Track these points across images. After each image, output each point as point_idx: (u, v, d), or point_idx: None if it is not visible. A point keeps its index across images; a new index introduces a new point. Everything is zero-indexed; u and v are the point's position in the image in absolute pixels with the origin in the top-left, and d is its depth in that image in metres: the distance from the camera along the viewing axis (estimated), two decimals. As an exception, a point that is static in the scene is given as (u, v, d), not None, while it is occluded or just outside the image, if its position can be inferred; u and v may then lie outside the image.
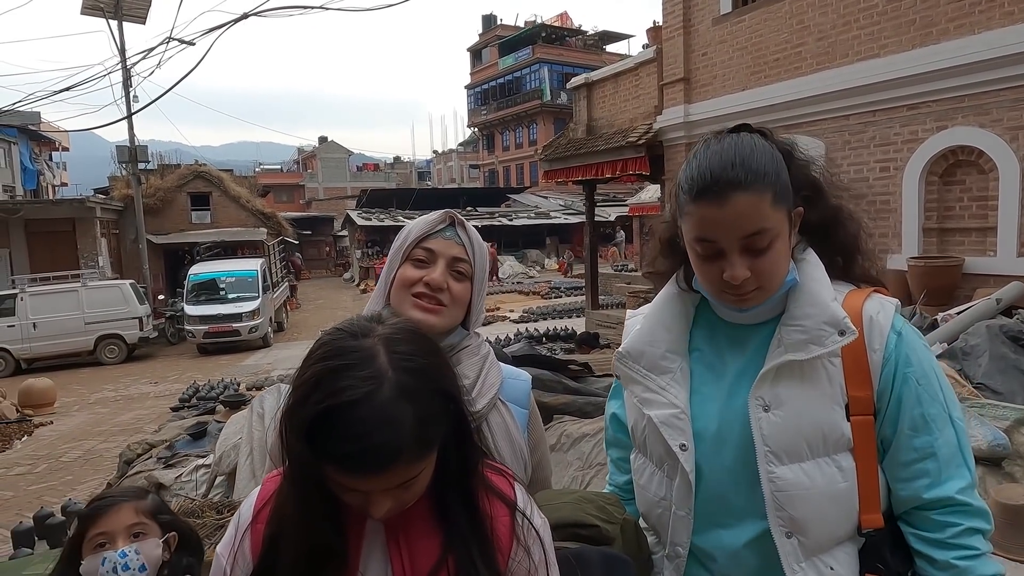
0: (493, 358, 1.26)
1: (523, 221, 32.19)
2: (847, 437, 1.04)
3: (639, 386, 1.18)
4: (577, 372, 4.33)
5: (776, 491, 1.04)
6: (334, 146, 60.14)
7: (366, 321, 0.84)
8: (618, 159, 9.91)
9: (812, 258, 1.10)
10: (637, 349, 1.20)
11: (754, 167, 1.00)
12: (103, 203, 19.72)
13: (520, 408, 1.28)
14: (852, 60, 6.91)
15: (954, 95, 6.06)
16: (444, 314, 1.17)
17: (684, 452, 1.10)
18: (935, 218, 6.37)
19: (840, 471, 1.03)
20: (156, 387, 12.26)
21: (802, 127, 7.53)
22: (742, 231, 1.00)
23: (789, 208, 1.04)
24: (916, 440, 1.03)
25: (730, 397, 1.10)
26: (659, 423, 1.13)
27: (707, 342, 1.18)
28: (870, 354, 1.04)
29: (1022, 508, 2.03)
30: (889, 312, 1.07)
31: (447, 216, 1.23)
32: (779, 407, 1.04)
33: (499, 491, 0.91)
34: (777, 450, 1.04)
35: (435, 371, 0.81)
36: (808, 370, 1.04)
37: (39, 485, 6.48)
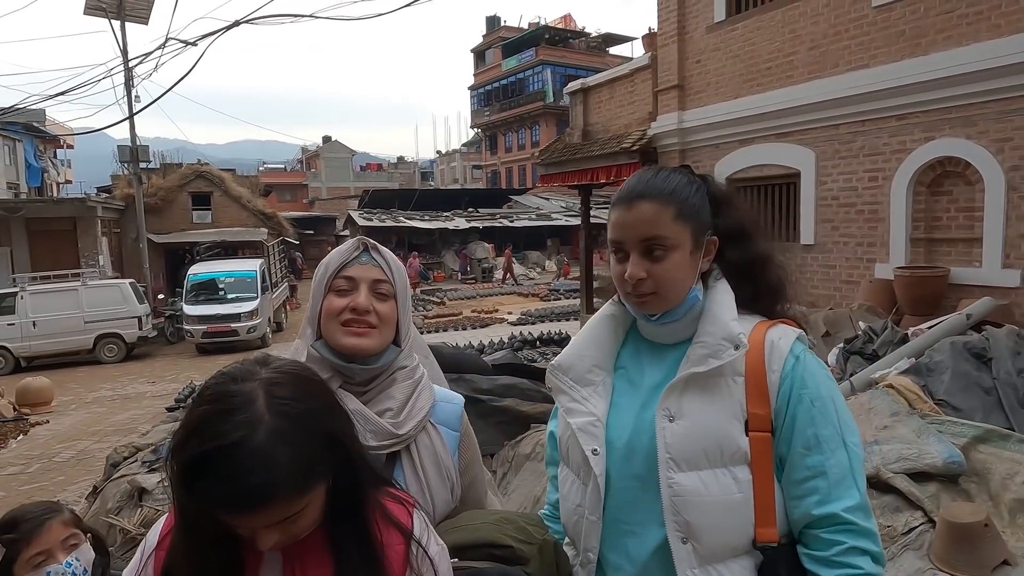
0: (426, 382, 1.32)
1: (524, 223, 32.24)
2: (744, 451, 1.11)
3: (565, 396, 1.28)
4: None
5: (674, 496, 1.12)
6: (338, 146, 60.32)
7: (251, 365, 0.88)
8: (612, 164, 9.95)
9: (722, 286, 1.22)
10: (567, 362, 1.31)
11: (660, 185, 1.19)
12: (104, 202, 19.85)
13: (451, 431, 1.33)
14: (843, 70, 6.94)
15: (942, 106, 6.09)
16: (375, 335, 1.22)
17: (595, 457, 1.20)
18: (923, 228, 6.39)
19: (736, 482, 1.11)
20: (153, 387, 12.34)
21: (793, 135, 7.56)
22: (641, 234, 1.16)
23: (696, 230, 1.18)
24: (808, 459, 1.10)
25: (643, 409, 1.20)
26: (576, 430, 1.23)
27: (631, 359, 1.29)
28: (768, 374, 1.12)
29: (969, 526, 2.07)
30: (790, 338, 1.16)
31: (360, 243, 1.28)
32: (682, 418, 1.14)
33: (396, 520, 0.96)
34: (677, 458, 1.12)
35: (316, 414, 0.85)
36: (712, 385, 1.14)
37: (30, 486, 6.54)
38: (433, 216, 31.95)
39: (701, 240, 1.20)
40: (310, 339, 1.27)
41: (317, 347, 1.24)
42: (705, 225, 1.20)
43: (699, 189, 1.22)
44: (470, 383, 3.85)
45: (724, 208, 1.24)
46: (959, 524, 2.09)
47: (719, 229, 1.23)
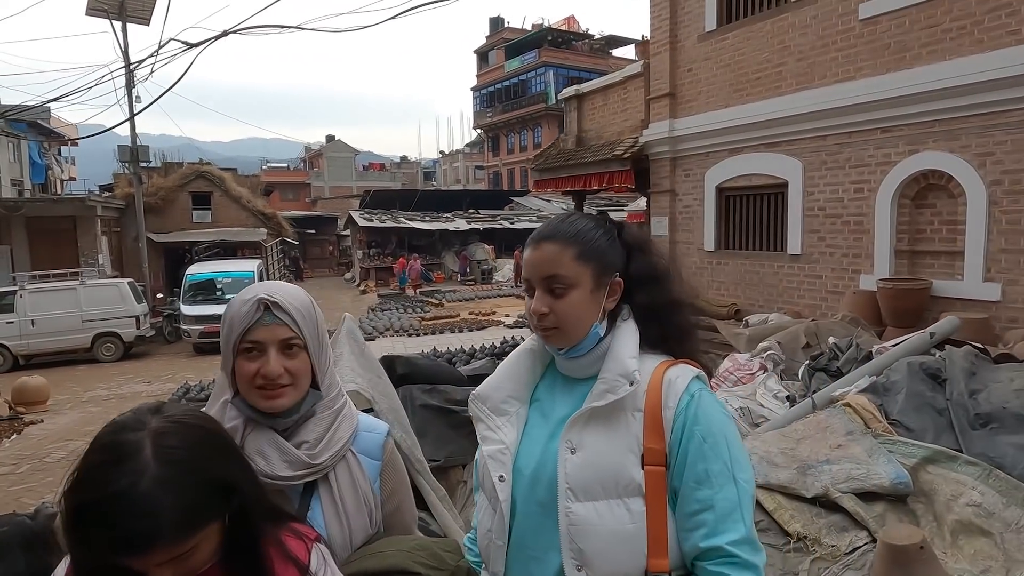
0: (348, 411, 1.37)
1: (524, 224, 32.23)
2: (638, 483, 1.17)
3: (483, 424, 1.35)
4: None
5: (570, 524, 1.18)
6: (341, 145, 60.41)
7: (142, 414, 0.93)
8: (605, 171, 10.00)
9: (628, 326, 1.30)
10: (485, 392, 1.38)
11: (565, 229, 1.28)
12: (104, 201, 19.95)
13: (372, 460, 1.38)
14: (830, 81, 6.98)
15: (925, 120, 6.12)
16: (289, 394, 1.25)
17: (502, 483, 1.27)
18: (906, 240, 6.43)
19: (629, 513, 1.16)
20: (149, 386, 12.42)
21: (781, 146, 7.60)
22: (544, 272, 1.25)
23: (598, 271, 1.26)
24: (698, 492, 1.15)
25: (550, 440, 1.27)
26: (487, 457, 1.30)
27: (546, 393, 1.36)
28: (664, 411, 1.19)
29: (904, 548, 2.12)
30: (687, 377, 1.22)
31: (260, 304, 1.24)
32: (582, 449, 1.20)
33: (292, 555, 1.02)
34: (576, 488, 1.18)
35: (203, 461, 0.90)
36: (612, 420, 1.21)
37: (19, 486, 6.62)
38: (434, 217, 32.00)
39: (604, 280, 1.27)
40: (227, 392, 1.30)
41: (237, 404, 1.27)
42: (610, 267, 1.28)
43: (607, 234, 1.30)
44: (443, 394, 3.89)
45: (636, 254, 1.32)
46: (895, 546, 2.14)
47: (629, 273, 1.30)
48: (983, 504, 2.36)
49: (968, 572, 2.21)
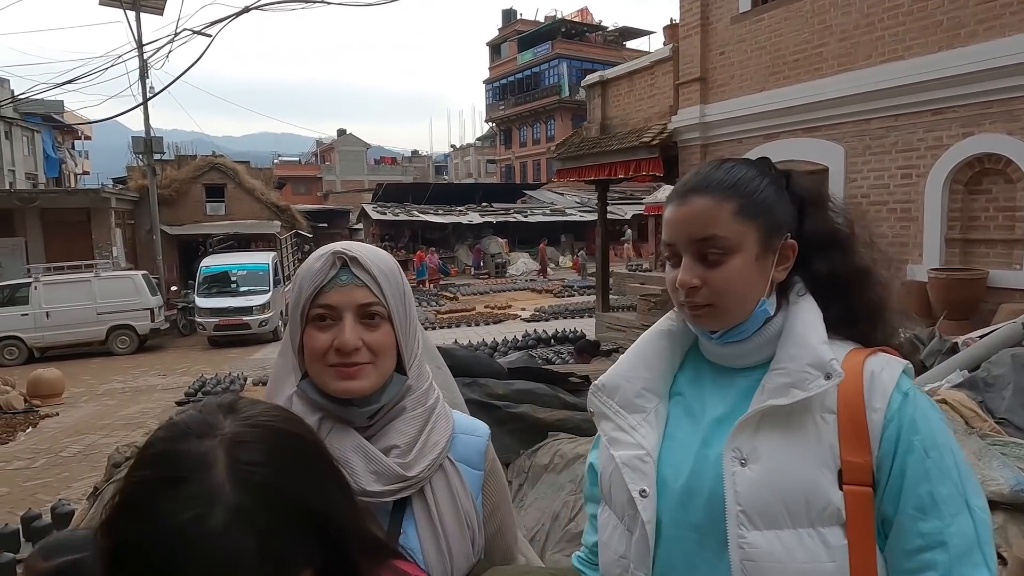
0: (442, 410, 1.09)
1: (538, 218, 32.02)
2: (837, 508, 0.89)
3: (610, 423, 1.07)
4: (576, 386, 4.17)
5: (745, 559, 0.90)
6: (352, 139, 60.30)
7: (212, 413, 0.66)
8: (631, 159, 9.70)
9: (807, 303, 1.00)
10: (613, 383, 1.10)
11: (720, 177, 1.00)
12: (118, 193, 19.85)
13: (473, 469, 1.11)
14: (875, 62, 6.65)
15: (981, 100, 5.80)
16: (369, 373, 0.99)
17: (644, 499, 0.99)
18: (959, 228, 6.11)
19: (826, 548, 0.88)
20: (164, 379, 12.26)
21: (821, 130, 7.28)
22: (694, 233, 0.98)
23: (765, 230, 0.98)
24: (923, 524, 0.87)
25: (705, 446, 0.99)
26: (621, 464, 1.02)
27: (690, 385, 1.07)
28: (869, 413, 0.90)
29: (1046, 568, 1.84)
30: (894, 370, 0.94)
31: (335, 258, 1.02)
32: (757, 461, 0.93)
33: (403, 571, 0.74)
34: (751, 511, 0.91)
35: (296, 485, 0.63)
36: (794, 423, 0.93)
37: (35, 482, 6.44)
38: (447, 210, 31.79)
39: (774, 243, 0.99)
40: (293, 374, 1.05)
41: (304, 388, 1.02)
42: (779, 226, 0.99)
43: (775, 184, 1.02)
44: (484, 388, 3.64)
45: (811, 209, 1.03)
46: (1035, 564, 1.86)
47: (803, 234, 1.02)
48: (1120, 514, 2.08)
49: (1115, 594, 1.93)
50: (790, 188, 1.04)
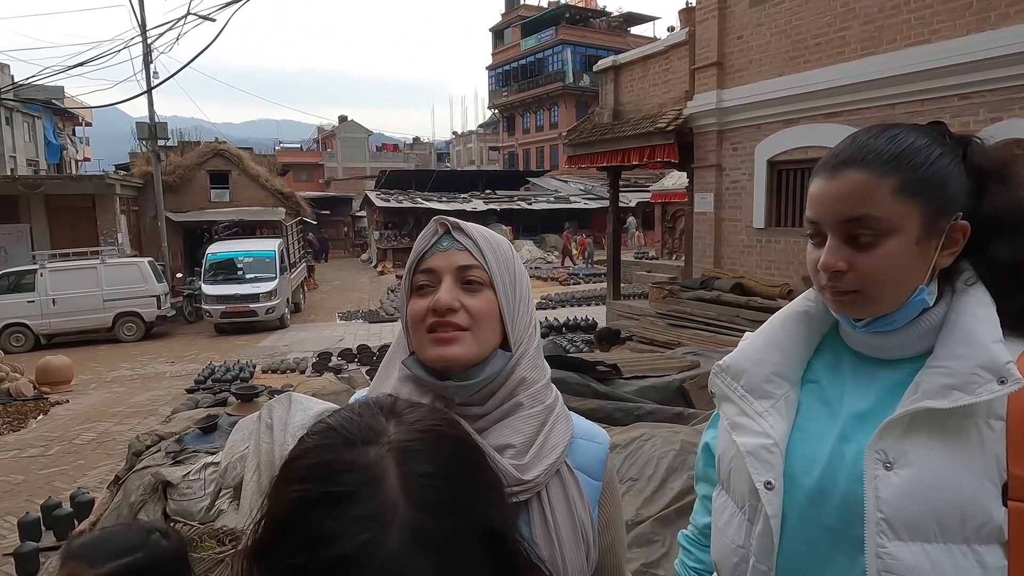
0: (561, 411, 1.01)
1: (542, 205, 31.85)
2: (998, 525, 0.81)
3: (733, 407, 1.01)
4: (604, 374, 4.10)
5: (884, 570, 0.83)
6: (354, 125, 59.97)
7: (372, 416, 0.58)
8: (645, 145, 9.58)
9: (979, 293, 0.90)
10: (739, 365, 1.02)
11: (881, 148, 0.89)
12: (123, 180, 19.72)
13: (592, 480, 1.02)
14: (900, 45, 6.53)
15: (1011, 84, 5.70)
16: (467, 340, 0.93)
17: (769, 491, 0.92)
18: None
19: (982, 568, 0.81)
20: (173, 366, 12.22)
21: (843, 116, 7.17)
22: (843, 212, 0.89)
23: (931, 210, 0.87)
24: None
25: (842, 442, 0.91)
26: (745, 452, 0.95)
27: (828, 373, 0.99)
28: None
29: None
30: None
31: (439, 225, 1.00)
32: (905, 467, 0.84)
33: None
34: (895, 521, 0.84)
35: (468, 496, 0.56)
36: (954, 427, 0.84)
37: (50, 469, 6.39)
38: (450, 197, 31.64)
39: (940, 225, 0.88)
40: (403, 352, 0.99)
41: (408, 363, 0.96)
42: (949, 205, 0.88)
43: (949, 155, 0.90)
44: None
45: (994, 184, 0.91)
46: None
47: (980, 213, 0.90)
48: None
49: None
50: (968, 159, 0.92)
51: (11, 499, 5.58)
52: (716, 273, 8.52)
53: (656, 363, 4.81)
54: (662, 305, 8.74)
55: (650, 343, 7.81)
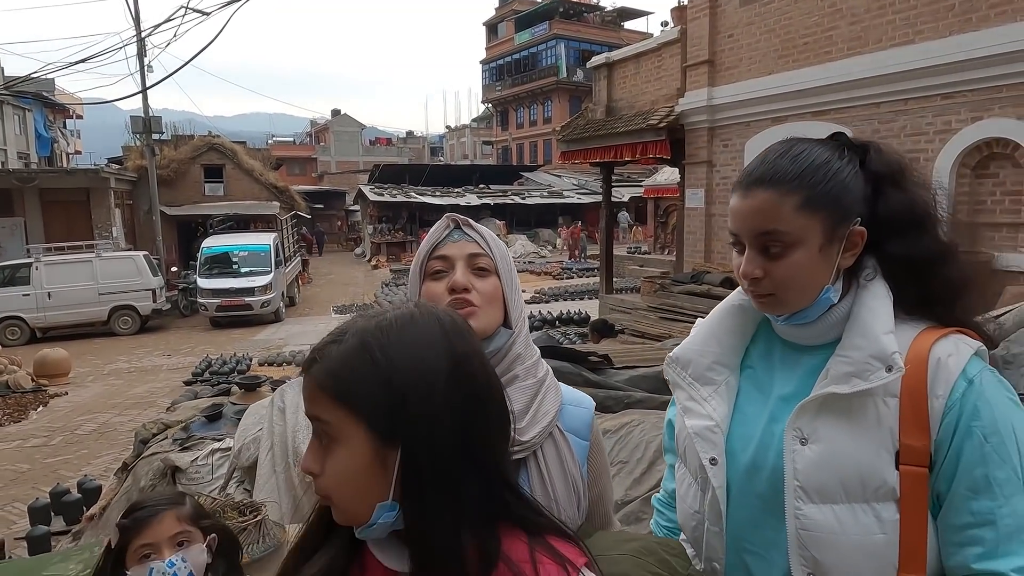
0: (551, 383, 1.17)
1: (536, 200, 31.97)
2: (891, 487, 0.94)
3: (683, 393, 1.15)
4: (597, 364, 4.26)
5: (801, 529, 0.98)
6: (347, 119, 59.85)
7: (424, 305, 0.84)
8: (638, 142, 9.73)
9: (876, 288, 1.02)
10: (686, 356, 1.16)
11: (785, 167, 1.00)
12: (117, 173, 19.73)
13: (580, 439, 1.18)
14: (885, 46, 6.70)
15: (991, 85, 5.87)
16: (478, 315, 1.08)
17: (713, 467, 1.07)
18: (965, 212, 6.19)
19: (878, 522, 0.95)
20: (169, 359, 12.33)
21: (829, 114, 7.34)
22: (755, 227, 1.00)
23: (831, 221, 0.99)
24: (974, 503, 0.92)
25: (772, 422, 1.05)
26: (693, 434, 1.10)
27: (761, 360, 1.13)
28: (931, 400, 0.94)
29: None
30: (963, 356, 0.96)
31: (450, 220, 1.17)
32: (817, 442, 0.98)
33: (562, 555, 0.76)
34: (808, 487, 0.98)
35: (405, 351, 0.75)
36: (856, 407, 0.97)
37: (55, 458, 6.52)
38: (444, 192, 31.70)
39: (840, 232, 0.99)
40: None
41: None
42: (847, 214, 0.99)
43: (848, 167, 1.01)
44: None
45: (888, 188, 1.01)
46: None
47: (876, 215, 1.01)
48: None
49: None
50: (866, 166, 1.02)
51: (17, 487, 5.71)
52: (707, 267, 8.70)
53: (646, 354, 4.97)
54: (654, 299, 8.91)
55: (642, 336, 7.98)
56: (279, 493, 2.33)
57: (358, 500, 0.74)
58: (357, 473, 0.73)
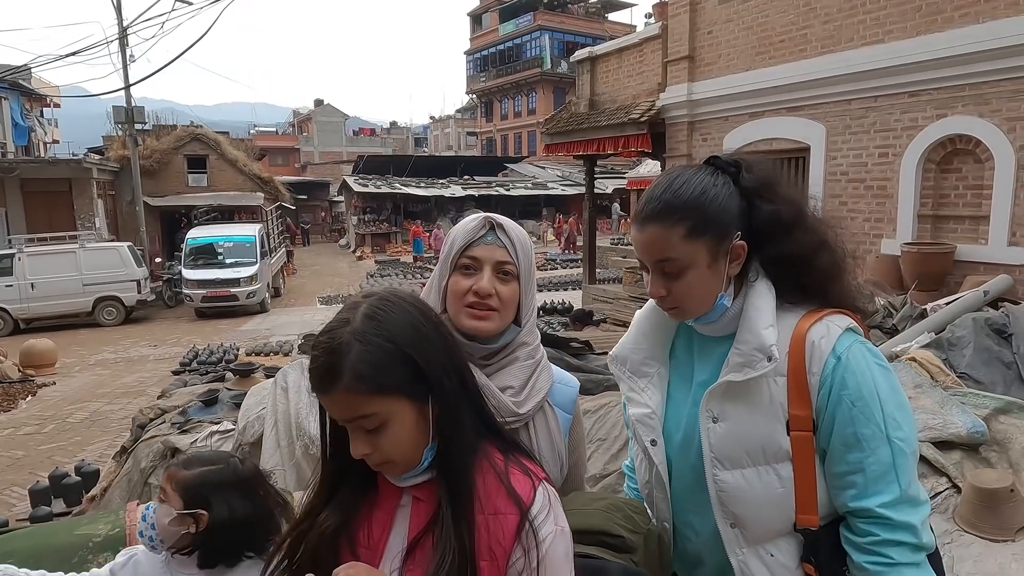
0: (545, 363, 1.37)
1: (520, 191, 32.15)
2: (785, 450, 1.16)
3: (625, 385, 1.36)
4: (578, 350, 4.48)
5: (719, 491, 1.20)
6: (330, 109, 59.41)
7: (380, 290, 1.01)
8: (620, 135, 9.94)
9: (760, 287, 1.20)
10: (623, 354, 1.37)
11: (669, 202, 1.16)
12: (100, 164, 19.58)
13: (565, 413, 1.39)
14: (857, 44, 6.95)
15: (955, 84, 6.13)
16: (495, 318, 1.26)
17: (654, 447, 1.28)
18: (930, 205, 6.49)
19: (779, 478, 1.16)
20: (156, 350, 12.38)
21: (804, 110, 7.59)
22: (653, 256, 1.19)
23: (714, 242, 1.16)
24: (848, 455, 1.12)
25: (694, 405, 1.25)
26: (635, 421, 1.31)
27: (684, 352, 1.33)
28: (809, 376, 1.14)
29: (996, 492, 2.20)
30: (832, 336, 1.14)
31: (487, 222, 1.30)
32: (725, 420, 1.19)
33: (513, 490, 0.98)
34: (721, 457, 1.19)
35: (402, 330, 0.93)
36: (753, 389, 1.17)
37: (49, 445, 6.63)
38: (428, 183, 31.76)
39: (724, 248, 1.17)
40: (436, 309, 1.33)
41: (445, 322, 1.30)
42: (727, 231, 1.17)
43: (723, 189, 1.18)
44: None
45: (757, 201, 1.18)
46: (987, 489, 2.22)
47: (751, 225, 1.18)
48: (1059, 451, 2.44)
49: (1050, 514, 2.30)
50: (739, 183, 1.19)
51: (15, 472, 5.83)
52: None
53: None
54: (635, 289, 9.16)
55: (623, 325, 8.23)
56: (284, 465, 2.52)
57: (413, 453, 0.97)
58: (410, 435, 0.95)
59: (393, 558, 0.98)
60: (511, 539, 0.95)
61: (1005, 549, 2.12)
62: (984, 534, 2.20)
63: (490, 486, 0.97)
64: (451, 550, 0.91)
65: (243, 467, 1.56)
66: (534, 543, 0.95)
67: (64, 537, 1.87)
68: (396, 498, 1.01)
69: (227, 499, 1.48)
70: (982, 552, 2.14)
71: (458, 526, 0.93)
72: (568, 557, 1.00)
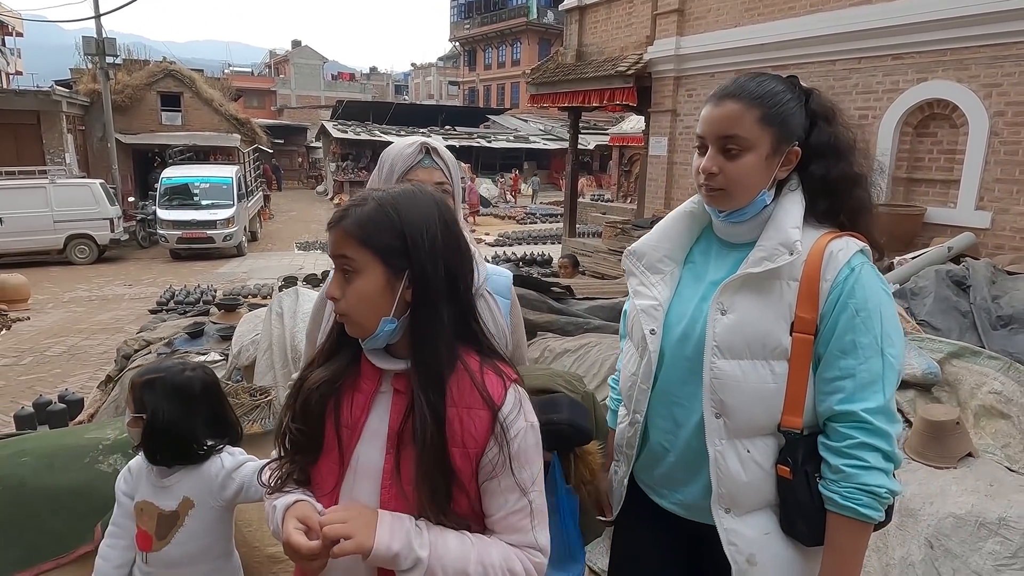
0: (479, 260, 1.50)
1: (501, 144, 31.80)
2: (785, 348, 1.23)
3: (636, 279, 1.45)
4: (560, 294, 4.62)
5: (713, 378, 1.27)
6: (308, 51, 57.66)
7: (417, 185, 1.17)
8: (606, 88, 9.92)
9: (794, 196, 1.30)
10: (642, 249, 1.47)
11: (752, 88, 1.27)
12: (69, 97, 18.92)
13: (503, 298, 1.57)
14: (844, 5, 6.99)
15: (936, 48, 6.24)
16: None
17: (652, 336, 1.38)
18: (905, 168, 6.66)
19: (772, 374, 1.24)
20: (131, 289, 12.27)
21: (789, 69, 7.56)
22: (721, 130, 1.26)
23: (778, 137, 1.26)
24: (842, 361, 1.20)
25: (702, 301, 1.35)
26: (640, 311, 1.41)
27: (701, 256, 1.43)
28: (822, 282, 1.22)
29: (942, 423, 2.40)
30: (850, 250, 1.23)
31: (422, 147, 1.44)
32: (733, 312, 1.27)
33: (485, 390, 1.06)
34: (722, 346, 1.26)
35: (410, 213, 1.05)
36: (767, 286, 1.25)
37: (29, 376, 6.64)
38: (409, 132, 31.23)
39: (782, 148, 1.26)
40: None
41: None
42: (790, 134, 1.26)
43: (796, 100, 1.28)
44: (482, 291, 4.05)
45: (820, 124, 1.29)
46: (935, 421, 2.42)
47: (809, 143, 1.28)
48: (1003, 392, 2.65)
49: (991, 446, 2.52)
50: (808, 104, 1.30)
51: (-4, 401, 5.86)
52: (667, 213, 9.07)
53: (605, 288, 5.36)
54: (614, 243, 9.29)
55: (602, 277, 8.40)
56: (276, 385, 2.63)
57: (370, 315, 1.06)
58: (372, 295, 1.05)
59: (371, 437, 1.09)
60: (484, 434, 1.04)
61: (947, 474, 2.33)
62: (930, 462, 2.40)
63: (464, 384, 1.06)
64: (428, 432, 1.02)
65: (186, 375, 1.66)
66: (505, 438, 1.04)
67: (75, 439, 1.96)
68: (375, 383, 1.11)
69: (159, 403, 1.61)
70: (927, 477, 2.34)
71: (433, 413, 1.02)
72: (537, 447, 1.10)
